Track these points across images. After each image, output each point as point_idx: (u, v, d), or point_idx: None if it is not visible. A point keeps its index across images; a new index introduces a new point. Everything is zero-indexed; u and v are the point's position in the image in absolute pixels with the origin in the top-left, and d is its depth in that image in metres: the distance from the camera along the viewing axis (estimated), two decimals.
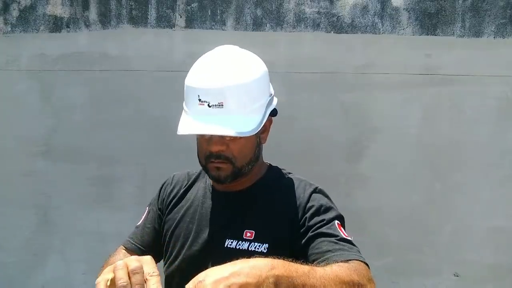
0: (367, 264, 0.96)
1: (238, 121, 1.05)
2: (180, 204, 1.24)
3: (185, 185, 1.27)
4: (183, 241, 1.18)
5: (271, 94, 1.17)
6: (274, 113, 1.16)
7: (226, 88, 1.03)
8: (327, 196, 1.16)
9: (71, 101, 2.07)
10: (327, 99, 2.01)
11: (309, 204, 1.11)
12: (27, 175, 2.10)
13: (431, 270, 2.04)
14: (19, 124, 2.09)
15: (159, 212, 1.28)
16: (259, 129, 1.07)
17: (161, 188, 1.31)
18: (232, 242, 1.11)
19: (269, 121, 1.17)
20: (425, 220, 2.02)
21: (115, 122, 2.05)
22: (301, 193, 1.14)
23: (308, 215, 1.09)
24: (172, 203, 1.25)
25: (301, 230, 1.07)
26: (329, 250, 0.99)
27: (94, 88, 2.06)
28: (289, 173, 1.23)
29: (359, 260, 0.95)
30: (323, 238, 1.03)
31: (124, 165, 2.06)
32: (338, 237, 1.02)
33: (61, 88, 2.07)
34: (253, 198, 1.16)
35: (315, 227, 1.06)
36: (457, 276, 2.04)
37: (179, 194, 1.26)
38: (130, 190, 2.07)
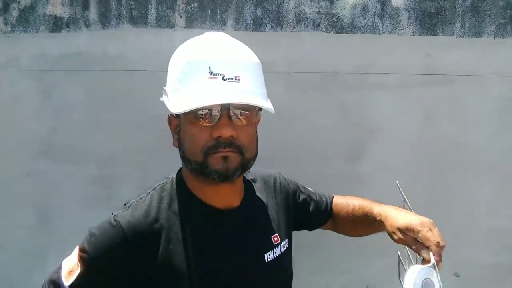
0: None
1: (255, 99, 0.92)
2: (176, 259, 0.94)
3: (156, 231, 0.96)
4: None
5: None
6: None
7: (244, 61, 0.94)
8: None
9: (71, 101, 2.07)
10: (327, 99, 2.01)
11: (292, 187, 1.21)
12: (27, 175, 2.10)
13: None
14: (19, 124, 2.09)
15: None
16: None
17: (112, 260, 0.96)
18: (270, 254, 1.04)
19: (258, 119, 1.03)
20: None
21: (115, 122, 2.05)
22: (284, 184, 1.18)
23: (298, 196, 1.22)
24: (160, 263, 0.94)
25: (300, 208, 1.21)
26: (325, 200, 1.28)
27: (94, 88, 2.06)
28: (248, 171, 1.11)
29: None
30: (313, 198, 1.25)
31: (124, 165, 2.06)
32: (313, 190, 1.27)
33: (61, 88, 2.07)
34: (258, 206, 1.09)
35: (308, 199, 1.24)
36: (457, 276, 2.03)
37: (160, 249, 0.95)
38: (130, 190, 2.06)
